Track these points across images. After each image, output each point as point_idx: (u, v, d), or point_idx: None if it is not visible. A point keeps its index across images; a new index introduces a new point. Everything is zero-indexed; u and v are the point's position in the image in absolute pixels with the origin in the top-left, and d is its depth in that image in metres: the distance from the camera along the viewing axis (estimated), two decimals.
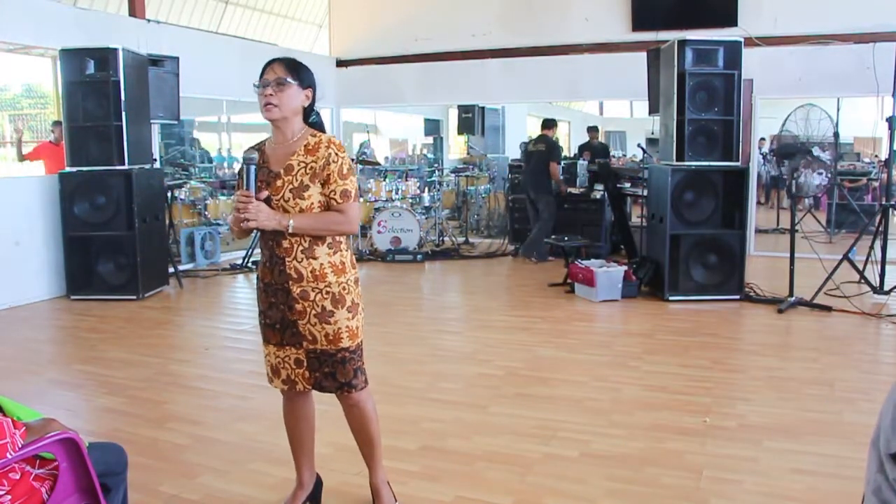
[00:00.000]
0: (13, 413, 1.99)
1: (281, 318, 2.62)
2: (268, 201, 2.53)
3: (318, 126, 2.72)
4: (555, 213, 9.01)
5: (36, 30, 7.12)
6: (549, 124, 9.38)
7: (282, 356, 2.66)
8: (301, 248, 2.55)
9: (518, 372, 4.73)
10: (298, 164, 2.55)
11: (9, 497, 1.82)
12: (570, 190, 9.46)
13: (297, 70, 2.59)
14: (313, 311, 2.58)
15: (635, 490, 3.05)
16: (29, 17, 7.02)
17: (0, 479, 1.82)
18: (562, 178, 9.25)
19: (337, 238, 2.61)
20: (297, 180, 2.54)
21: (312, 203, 2.54)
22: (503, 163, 12.69)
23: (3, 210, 6.75)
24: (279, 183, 2.54)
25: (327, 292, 2.58)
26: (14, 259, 6.77)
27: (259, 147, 2.68)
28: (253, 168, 2.52)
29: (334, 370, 2.62)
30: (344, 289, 2.61)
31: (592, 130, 11.84)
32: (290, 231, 2.51)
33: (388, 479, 2.89)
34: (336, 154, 2.56)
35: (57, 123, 8.82)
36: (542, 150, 9.05)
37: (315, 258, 2.57)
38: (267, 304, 2.66)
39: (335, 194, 2.56)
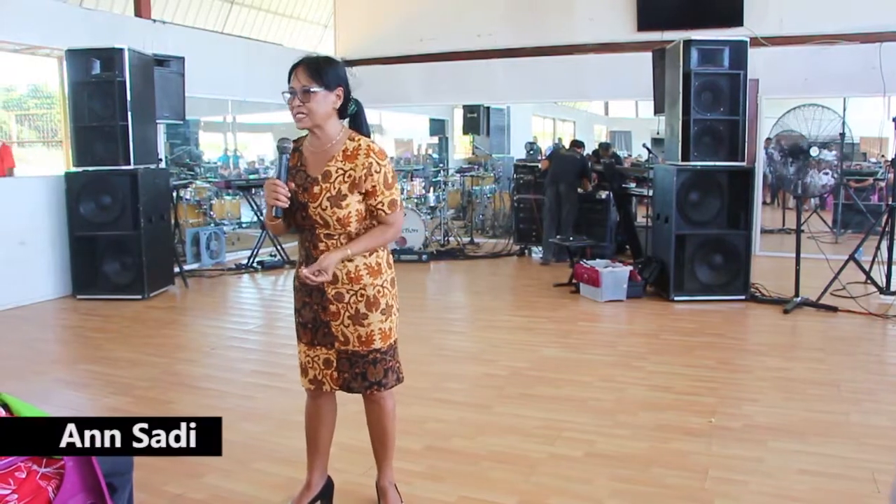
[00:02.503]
0: (20, 412, 2.00)
1: (314, 317, 2.62)
2: (304, 207, 2.50)
3: (359, 117, 2.65)
4: (576, 213, 9.04)
5: (42, 30, 7.14)
6: (580, 144, 9.68)
7: (311, 355, 2.66)
8: None
9: (523, 372, 4.73)
10: (336, 171, 2.50)
11: (15, 496, 1.82)
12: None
13: (320, 74, 2.46)
14: (347, 314, 2.57)
15: (640, 490, 3.05)
16: (35, 17, 7.04)
17: (6, 478, 1.83)
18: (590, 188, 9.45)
19: None
20: (335, 188, 2.49)
21: (350, 212, 2.49)
22: (508, 163, 12.68)
23: (10, 210, 6.77)
24: (316, 190, 2.50)
25: (362, 294, 2.57)
26: (20, 259, 6.78)
27: (298, 146, 2.61)
28: (286, 157, 2.49)
29: (364, 370, 2.62)
30: (379, 291, 2.59)
31: (604, 148, 11.85)
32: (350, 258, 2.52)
33: (395, 480, 2.88)
34: (378, 163, 2.49)
35: None
36: (578, 159, 9.22)
37: (350, 260, 2.54)
38: (301, 303, 2.65)
39: (383, 206, 2.52)
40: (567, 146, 10.12)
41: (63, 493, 1.89)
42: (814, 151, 6.22)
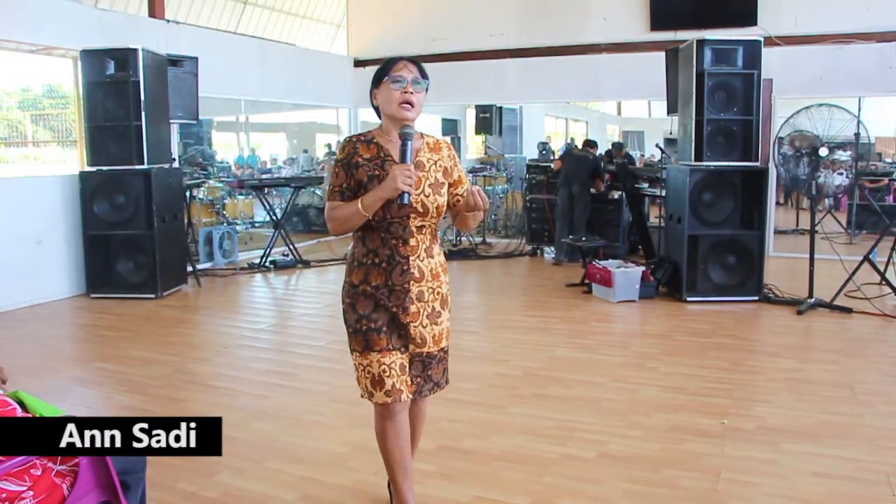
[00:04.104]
0: (35, 409, 2.02)
1: (390, 319, 2.54)
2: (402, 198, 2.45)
3: None
4: (588, 213, 9.01)
5: (57, 31, 7.19)
6: (593, 144, 9.67)
7: (387, 363, 2.52)
8: (424, 246, 2.55)
9: (535, 372, 4.73)
10: (428, 161, 2.56)
11: (31, 493, 1.84)
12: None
13: (426, 74, 2.59)
14: (425, 313, 2.57)
15: (653, 492, 3.04)
16: (50, 18, 7.09)
17: (22, 475, 1.85)
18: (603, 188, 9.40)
19: (439, 238, 2.65)
20: (432, 176, 2.54)
21: (445, 200, 2.57)
22: (521, 163, 12.61)
23: (26, 209, 6.82)
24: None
25: (438, 293, 2.59)
26: (35, 258, 6.83)
27: (368, 138, 2.56)
28: (410, 143, 2.45)
29: (430, 371, 2.62)
30: (448, 290, 2.65)
31: (617, 148, 11.79)
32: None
33: None
34: (457, 157, 2.65)
35: None
36: (591, 159, 9.23)
37: (433, 257, 2.58)
38: (372, 307, 2.53)
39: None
40: (580, 146, 10.09)
41: (77, 490, 1.91)
42: (823, 151, 6.16)
